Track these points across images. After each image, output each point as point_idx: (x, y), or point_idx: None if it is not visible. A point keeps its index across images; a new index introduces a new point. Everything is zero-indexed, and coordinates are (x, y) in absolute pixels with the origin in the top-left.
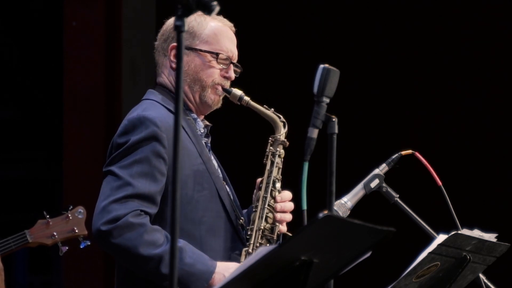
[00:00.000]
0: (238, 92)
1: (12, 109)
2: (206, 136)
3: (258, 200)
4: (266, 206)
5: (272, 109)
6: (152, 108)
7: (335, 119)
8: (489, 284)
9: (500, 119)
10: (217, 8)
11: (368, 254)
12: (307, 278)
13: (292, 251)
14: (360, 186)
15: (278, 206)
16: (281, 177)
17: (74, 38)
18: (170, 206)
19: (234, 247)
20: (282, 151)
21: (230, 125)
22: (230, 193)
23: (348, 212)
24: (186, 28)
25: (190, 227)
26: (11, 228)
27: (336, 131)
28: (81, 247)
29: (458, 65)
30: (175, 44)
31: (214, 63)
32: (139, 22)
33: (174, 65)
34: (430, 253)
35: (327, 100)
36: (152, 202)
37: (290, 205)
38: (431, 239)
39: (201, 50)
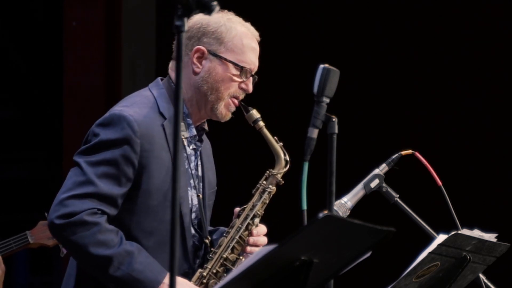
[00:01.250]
0: (255, 115)
1: (12, 109)
2: (199, 141)
3: (232, 228)
4: (237, 237)
5: (281, 143)
6: (142, 107)
7: (335, 119)
8: (489, 284)
9: (500, 119)
10: (217, 8)
11: (368, 254)
12: (307, 278)
13: (292, 251)
14: (360, 186)
15: (251, 239)
16: (263, 213)
17: (74, 38)
18: (131, 212)
19: (184, 266)
20: (274, 189)
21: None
22: (199, 208)
23: (348, 212)
24: (211, 31)
25: (141, 236)
26: (11, 228)
27: (336, 131)
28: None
29: (458, 65)
30: (199, 47)
31: (236, 76)
32: (139, 22)
33: (195, 69)
34: (430, 253)
35: (327, 100)
36: (112, 203)
37: (263, 240)
38: (431, 239)
39: (225, 59)
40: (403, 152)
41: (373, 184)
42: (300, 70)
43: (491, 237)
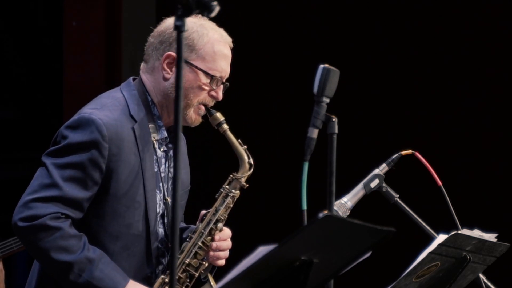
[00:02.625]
0: (219, 118)
1: (12, 109)
2: (171, 142)
3: (194, 233)
4: (199, 243)
5: (245, 146)
6: (112, 109)
7: (335, 119)
8: (489, 284)
9: (500, 119)
10: (217, 8)
11: (368, 254)
12: (307, 278)
13: (292, 251)
14: (360, 186)
15: (214, 244)
16: (226, 217)
17: (74, 38)
18: (97, 216)
19: (144, 269)
20: (237, 193)
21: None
22: (166, 211)
23: (348, 212)
24: (184, 35)
25: (106, 240)
26: (11, 228)
27: (336, 131)
28: None
29: (458, 65)
30: (170, 53)
31: (205, 84)
32: (139, 22)
33: (165, 75)
34: (430, 253)
35: (327, 100)
36: (77, 207)
37: (227, 244)
38: (431, 239)
39: (196, 67)
40: (403, 152)
41: (373, 184)
42: (300, 70)
43: (491, 237)
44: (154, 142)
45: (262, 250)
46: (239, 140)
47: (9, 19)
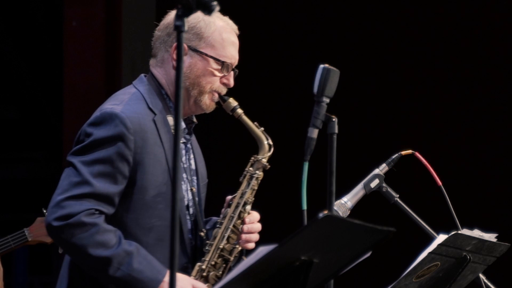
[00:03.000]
0: (233, 103)
1: (12, 110)
2: (188, 134)
3: (224, 218)
4: (231, 226)
5: (262, 128)
6: (131, 103)
7: (335, 119)
8: (489, 284)
9: (500, 119)
10: (217, 8)
11: (368, 254)
12: (307, 278)
13: (292, 251)
14: (360, 186)
15: (245, 227)
16: (253, 199)
17: (74, 38)
18: (128, 210)
19: (183, 260)
20: (261, 174)
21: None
22: (194, 202)
23: (348, 212)
24: (190, 26)
25: (139, 233)
26: (11, 228)
27: (336, 131)
28: None
29: (458, 65)
30: None
31: (217, 70)
32: (139, 22)
33: (175, 64)
34: (430, 253)
35: (327, 100)
36: (109, 202)
37: (258, 226)
38: (431, 239)
39: (206, 55)
40: (403, 152)
41: (373, 184)
42: (300, 70)
43: (491, 237)
44: (173, 134)
45: (262, 250)
46: (255, 122)
47: (9, 19)
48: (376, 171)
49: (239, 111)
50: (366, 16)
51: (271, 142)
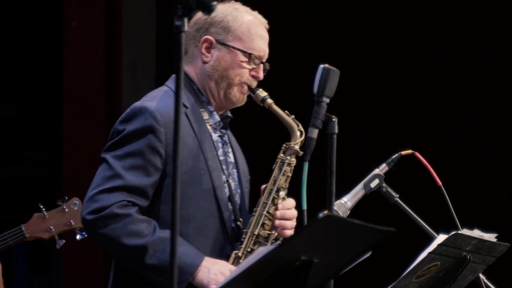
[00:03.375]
0: (262, 93)
1: (12, 109)
2: (224, 128)
3: (258, 205)
4: (265, 212)
5: (293, 116)
6: (162, 99)
7: (335, 119)
8: (489, 284)
9: (500, 119)
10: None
11: (368, 254)
12: (307, 278)
13: (292, 251)
14: (360, 186)
15: (278, 213)
16: (287, 185)
17: (74, 38)
18: (165, 202)
19: (223, 248)
20: (294, 160)
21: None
22: (234, 192)
23: (348, 212)
24: (218, 20)
25: (179, 224)
26: (11, 228)
27: (336, 131)
28: (78, 238)
29: (458, 65)
30: (207, 37)
31: (245, 62)
32: (139, 22)
33: (204, 58)
34: (430, 253)
35: (327, 100)
36: (142, 194)
37: (292, 213)
38: (431, 239)
39: (233, 48)
40: (403, 152)
41: (373, 184)
42: (300, 70)
43: (491, 237)
44: (208, 127)
45: (262, 250)
46: (285, 111)
47: (9, 19)
48: (376, 171)
49: (269, 101)
50: (366, 16)
51: (302, 129)
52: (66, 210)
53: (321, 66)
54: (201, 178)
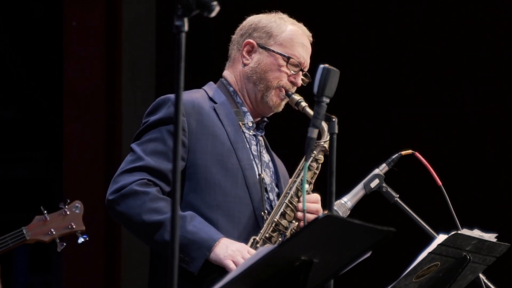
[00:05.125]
0: (297, 97)
1: (12, 110)
2: (257, 130)
3: (281, 195)
4: (286, 201)
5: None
6: (190, 93)
7: (335, 119)
8: (489, 284)
9: (500, 119)
10: (217, 8)
11: (368, 254)
12: (307, 278)
13: (292, 251)
14: (360, 186)
15: (300, 204)
16: (313, 181)
17: (74, 38)
18: (194, 191)
19: (251, 236)
20: (321, 157)
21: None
22: (266, 186)
23: (348, 212)
24: (261, 26)
25: (207, 211)
26: (11, 228)
27: (336, 131)
28: (79, 242)
29: (458, 65)
30: (249, 40)
31: (284, 66)
32: (139, 22)
33: (245, 61)
34: (430, 253)
35: (327, 100)
36: (162, 178)
37: (315, 206)
38: (431, 239)
39: (273, 51)
40: (403, 152)
41: (373, 184)
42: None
43: (491, 237)
44: (241, 124)
45: (262, 250)
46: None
47: (9, 19)
48: (376, 171)
49: (303, 104)
50: (366, 16)
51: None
52: (68, 213)
53: (321, 66)
54: (229, 166)
